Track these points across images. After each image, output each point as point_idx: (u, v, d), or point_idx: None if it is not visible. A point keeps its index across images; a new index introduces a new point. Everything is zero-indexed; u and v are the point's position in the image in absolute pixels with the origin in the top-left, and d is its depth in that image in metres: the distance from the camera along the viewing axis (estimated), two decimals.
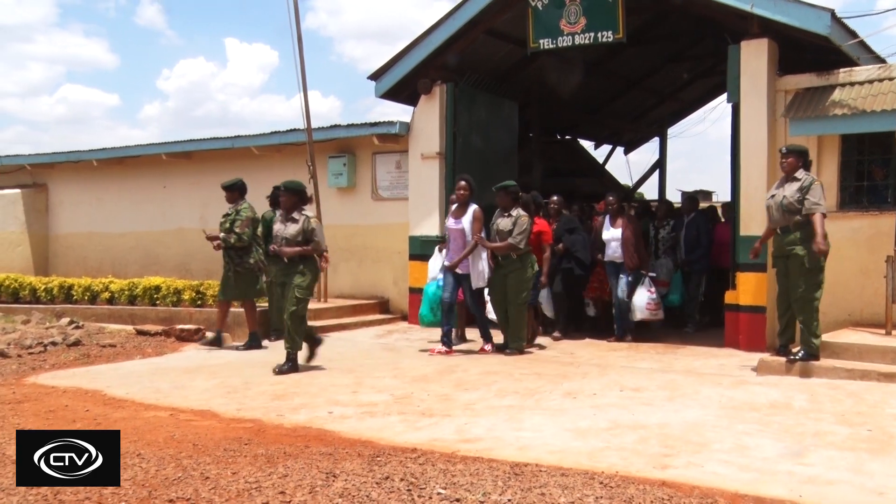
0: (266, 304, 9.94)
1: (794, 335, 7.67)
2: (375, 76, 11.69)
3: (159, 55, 71.75)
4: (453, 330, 9.36)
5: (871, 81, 8.81)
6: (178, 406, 6.38)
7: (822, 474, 4.52)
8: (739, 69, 9.27)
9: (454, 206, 9.25)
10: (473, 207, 9.00)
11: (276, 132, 13.07)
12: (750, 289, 9.20)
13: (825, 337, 7.63)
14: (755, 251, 7.87)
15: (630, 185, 18.71)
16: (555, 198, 10.33)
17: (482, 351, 9.05)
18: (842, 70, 9.03)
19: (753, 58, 9.19)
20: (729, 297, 9.51)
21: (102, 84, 69.54)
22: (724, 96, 10.06)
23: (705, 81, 16.02)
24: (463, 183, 9.07)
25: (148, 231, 14.43)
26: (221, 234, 9.31)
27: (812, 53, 9.40)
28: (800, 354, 7.45)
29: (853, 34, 9.30)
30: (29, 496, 4.07)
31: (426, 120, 11.57)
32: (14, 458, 4.49)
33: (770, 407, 6.26)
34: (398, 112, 13.17)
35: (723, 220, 12.04)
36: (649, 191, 18.97)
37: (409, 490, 4.13)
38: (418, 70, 11.32)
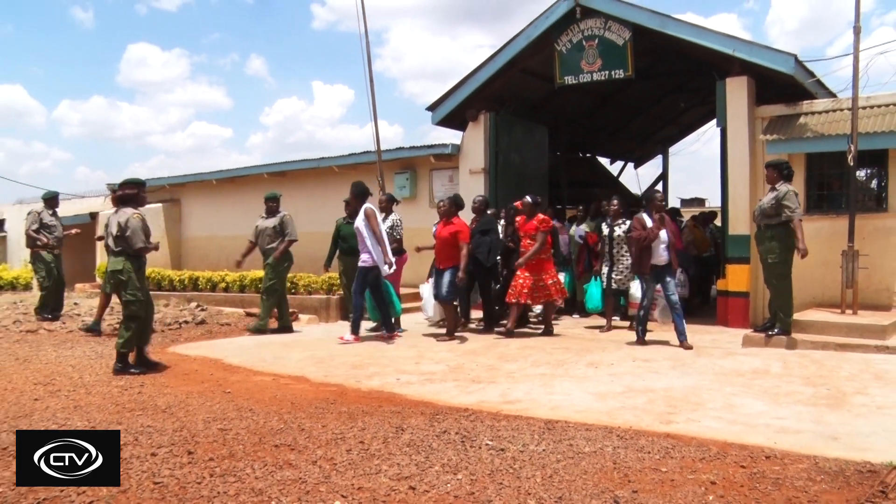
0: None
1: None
2: (432, 108, 11.71)
3: (262, 97, 73.31)
4: (395, 319, 8.86)
5: (827, 111, 9.04)
6: (279, 372, 6.48)
7: (792, 425, 4.52)
8: (725, 100, 9.35)
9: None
10: (364, 206, 8.21)
11: (352, 154, 13.14)
12: (736, 278, 9.20)
13: (795, 316, 7.61)
14: None
15: (639, 194, 18.47)
16: (477, 197, 9.23)
17: (381, 338, 8.30)
18: (805, 102, 9.21)
19: (736, 91, 9.27)
20: (720, 285, 9.58)
21: (220, 121, 71.31)
22: (715, 121, 10.03)
23: (699, 109, 15.72)
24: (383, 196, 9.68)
25: None
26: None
27: (780, 88, 9.40)
28: (775, 330, 7.45)
29: (812, 74, 9.45)
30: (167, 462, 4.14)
31: (473, 142, 11.54)
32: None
33: (752, 373, 6.21)
34: (450, 136, 13.19)
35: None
36: None
37: (462, 441, 4.14)
38: (466, 102, 11.32)
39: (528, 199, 8.57)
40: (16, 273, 13.90)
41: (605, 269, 8.91)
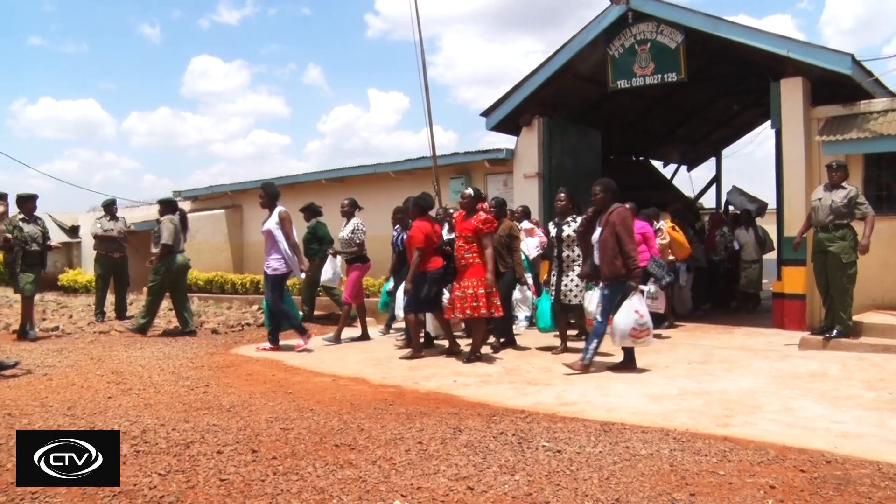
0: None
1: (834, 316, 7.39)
2: (486, 113, 11.68)
3: (319, 105, 74.87)
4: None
5: (886, 111, 8.67)
6: (338, 374, 6.55)
7: (853, 430, 4.37)
8: (780, 102, 9.10)
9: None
10: (277, 209, 7.81)
11: (408, 160, 13.17)
12: (793, 280, 8.97)
13: (854, 318, 7.39)
14: (797, 245, 7.68)
15: (692, 196, 18.11)
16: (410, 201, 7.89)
17: (265, 349, 7.89)
18: (862, 102, 8.85)
19: (791, 93, 9.02)
20: (775, 287, 9.32)
21: (279, 129, 73.11)
22: (769, 123, 9.74)
23: (752, 111, 15.31)
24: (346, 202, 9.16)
25: None
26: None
27: (836, 88, 9.08)
28: (834, 333, 7.24)
29: (870, 73, 9.10)
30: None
31: (527, 147, 11.47)
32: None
33: (810, 376, 6.03)
34: (504, 141, 13.09)
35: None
36: (708, 202, 18.33)
37: (519, 443, 4.12)
38: (520, 107, 11.25)
39: (470, 191, 7.20)
40: (90, 277, 14.48)
41: (553, 279, 7.40)
